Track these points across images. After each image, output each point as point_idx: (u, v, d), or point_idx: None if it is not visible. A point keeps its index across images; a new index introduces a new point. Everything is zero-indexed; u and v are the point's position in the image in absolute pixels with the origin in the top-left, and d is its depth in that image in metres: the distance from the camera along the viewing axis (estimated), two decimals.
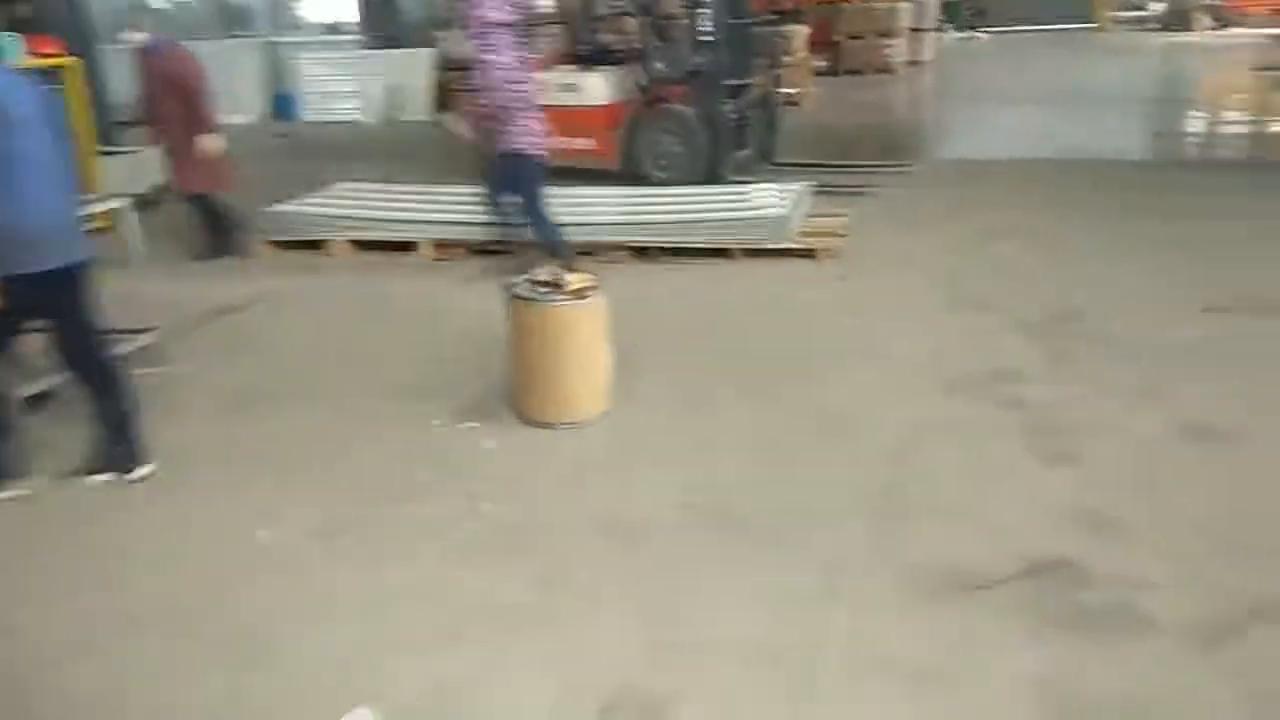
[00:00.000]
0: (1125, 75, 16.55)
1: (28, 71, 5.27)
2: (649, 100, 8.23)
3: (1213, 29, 25.15)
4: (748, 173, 8.38)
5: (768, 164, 8.75)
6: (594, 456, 3.58)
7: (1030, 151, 9.34)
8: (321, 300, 5.74)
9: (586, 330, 3.69)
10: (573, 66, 8.74)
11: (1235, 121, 11.66)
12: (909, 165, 8.58)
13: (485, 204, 5.74)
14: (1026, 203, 7.07)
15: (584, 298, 3.61)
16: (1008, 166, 8.69)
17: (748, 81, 8.25)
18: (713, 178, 7.99)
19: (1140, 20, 29.15)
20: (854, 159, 9.21)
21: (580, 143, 8.50)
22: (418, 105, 14.64)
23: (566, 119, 8.45)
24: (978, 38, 26.54)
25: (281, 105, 15.57)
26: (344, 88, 14.90)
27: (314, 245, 6.61)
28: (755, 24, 8.27)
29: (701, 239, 6.01)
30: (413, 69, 14.64)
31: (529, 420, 3.81)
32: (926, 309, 4.96)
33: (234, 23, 16.55)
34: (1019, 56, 20.47)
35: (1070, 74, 16.87)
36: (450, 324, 5.05)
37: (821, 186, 7.49)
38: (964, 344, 4.46)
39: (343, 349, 4.91)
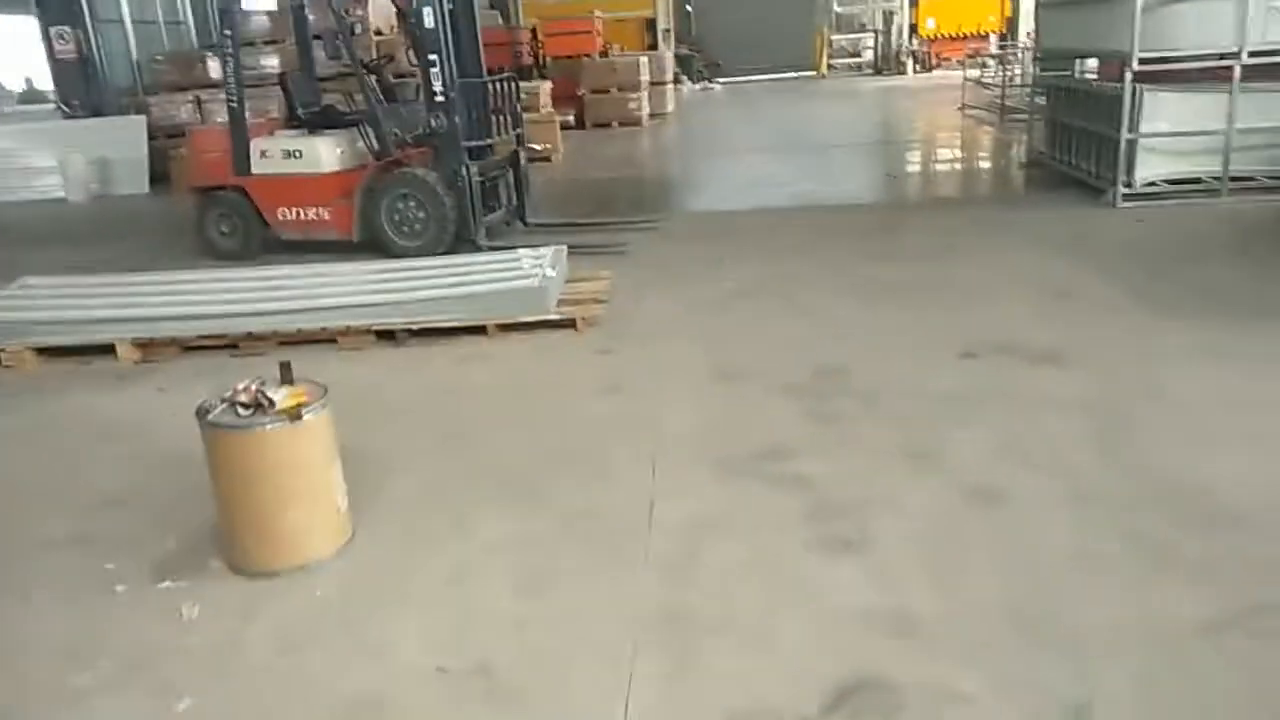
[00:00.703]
0: (849, 118, 17.68)
1: None
2: (384, 165, 7.66)
3: (918, 72, 27.70)
4: (500, 236, 7.98)
5: (521, 225, 8.40)
6: (324, 612, 2.95)
7: (771, 200, 9.54)
8: None
9: (307, 455, 3.08)
10: (296, 132, 8.02)
11: (950, 160, 12.57)
12: (660, 220, 8.46)
13: None
14: (773, 254, 7.08)
15: (298, 417, 3.00)
16: (751, 216, 8.81)
17: (489, 141, 7.87)
18: (462, 244, 7.53)
19: (856, 66, 31.72)
20: (607, 215, 9.02)
21: (312, 213, 7.79)
22: (131, 178, 13.23)
23: (294, 188, 7.75)
24: (712, 88, 27.80)
25: None
26: (40, 163, 13.20)
27: None
28: (491, 81, 7.90)
29: (452, 317, 5.49)
30: (122, 139, 13.21)
31: (244, 570, 3.12)
32: (691, 378, 4.68)
33: None
34: (752, 105, 21.51)
35: (799, 120, 17.84)
36: (152, 446, 4.23)
37: (577, 247, 7.20)
38: (731, 416, 4.19)
39: (5, 488, 3.98)
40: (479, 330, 5.47)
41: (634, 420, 4.23)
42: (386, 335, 5.50)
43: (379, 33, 14.93)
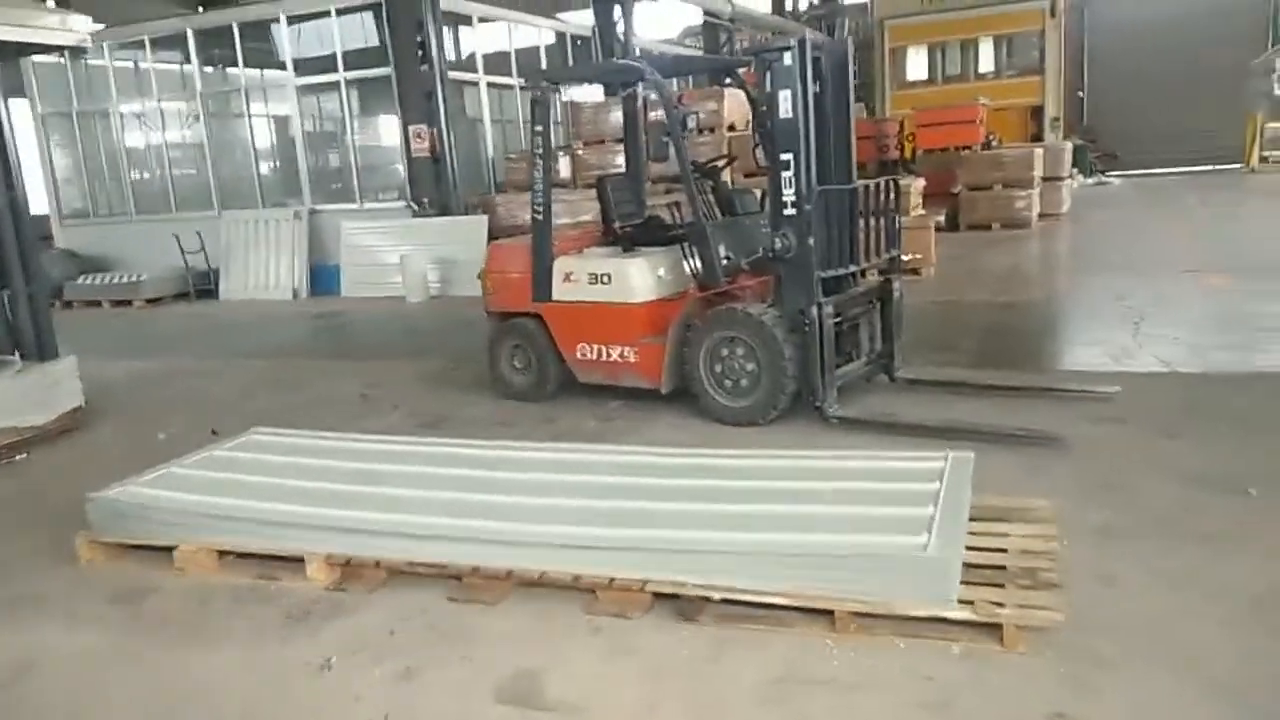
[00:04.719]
0: None
1: None
2: (709, 296, 5.72)
3: None
4: (855, 398, 5.71)
5: (887, 379, 6.07)
6: None
7: (1265, 357, 6.36)
8: (74, 694, 3.19)
9: None
10: (609, 250, 6.35)
11: None
12: (1109, 390, 5.61)
13: None
14: None
15: None
16: (1250, 390, 5.69)
17: (853, 269, 5.67)
18: (802, 408, 5.39)
19: None
20: (1008, 366, 6.42)
21: (616, 353, 6.01)
22: (469, 280, 12.66)
23: (597, 320, 6.02)
24: (1108, 183, 23.84)
25: (323, 279, 13.88)
26: (388, 260, 13.08)
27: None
28: (864, 186, 5.72)
29: (774, 587, 3.27)
30: (464, 239, 12.71)
31: None
32: None
33: (280, 190, 15.10)
34: (1169, 205, 17.49)
35: (1252, 227, 13.81)
36: None
37: (971, 431, 4.77)
38: None
39: None
40: (821, 611, 3.20)
41: None
42: (666, 595, 3.40)
43: (732, 128, 13.47)
